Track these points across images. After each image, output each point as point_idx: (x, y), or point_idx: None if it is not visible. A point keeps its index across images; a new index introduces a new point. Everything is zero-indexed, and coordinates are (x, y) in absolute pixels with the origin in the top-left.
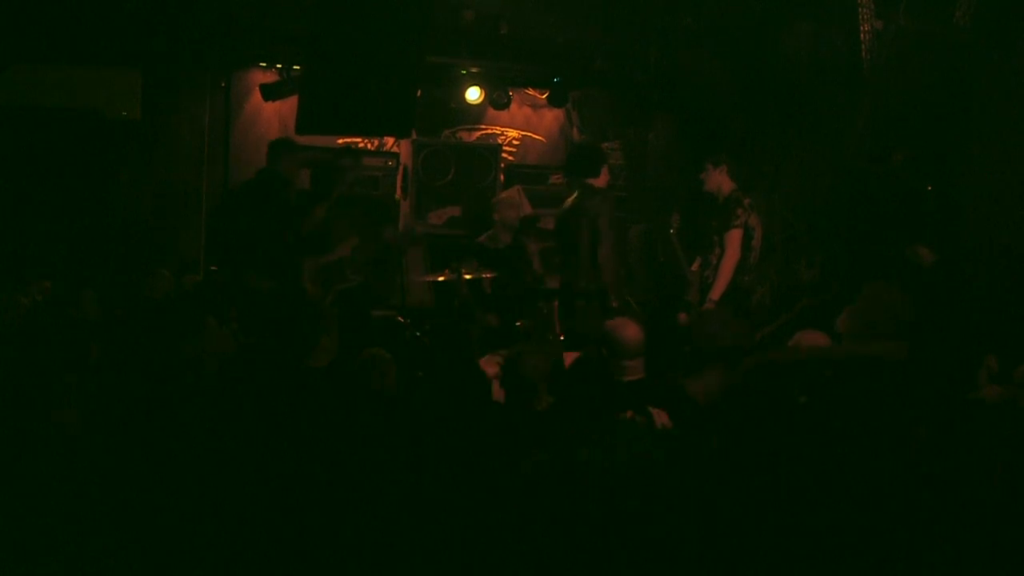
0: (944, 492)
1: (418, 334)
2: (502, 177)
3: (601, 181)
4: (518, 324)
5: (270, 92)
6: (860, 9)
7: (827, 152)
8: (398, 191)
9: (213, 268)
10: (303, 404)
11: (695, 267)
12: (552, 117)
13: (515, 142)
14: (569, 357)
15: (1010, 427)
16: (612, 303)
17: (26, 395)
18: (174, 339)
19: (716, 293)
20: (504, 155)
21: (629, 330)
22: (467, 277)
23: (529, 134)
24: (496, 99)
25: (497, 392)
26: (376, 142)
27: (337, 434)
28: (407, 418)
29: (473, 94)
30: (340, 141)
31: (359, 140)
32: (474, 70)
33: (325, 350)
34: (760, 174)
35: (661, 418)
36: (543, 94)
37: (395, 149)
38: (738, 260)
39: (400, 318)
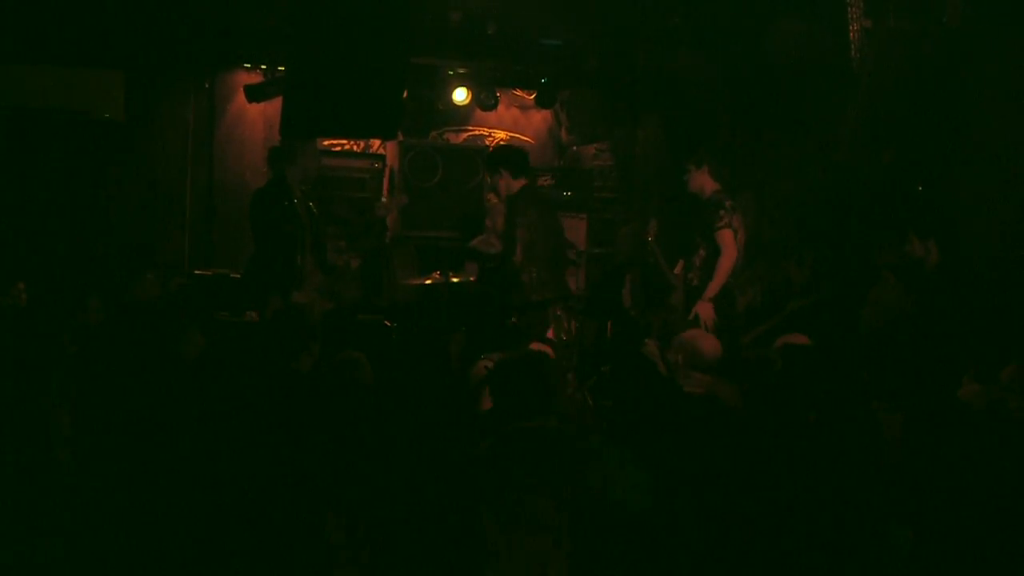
0: (929, 492)
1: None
2: (504, 181)
3: (520, 183)
4: (512, 321)
5: (254, 93)
6: (849, 8)
7: (817, 152)
8: (384, 193)
9: (198, 272)
10: (289, 407)
11: (678, 270)
12: (540, 118)
13: (503, 143)
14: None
15: (996, 430)
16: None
17: (15, 397)
18: (162, 343)
19: (712, 291)
20: None
21: (709, 343)
22: (455, 280)
23: (517, 135)
24: (483, 100)
25: (486, 401)
26: (362, 144)
27: (319, 430)
28: (382, 409)
29: (460, 95)
30: (325, 143)
31: (344, 142)
32: (461, 71)
33: (310, 355)
34: (749, 174)
35: None
36: (531, 95)
37: (381, 151)
38: (736, 259)
39: (387, 322)
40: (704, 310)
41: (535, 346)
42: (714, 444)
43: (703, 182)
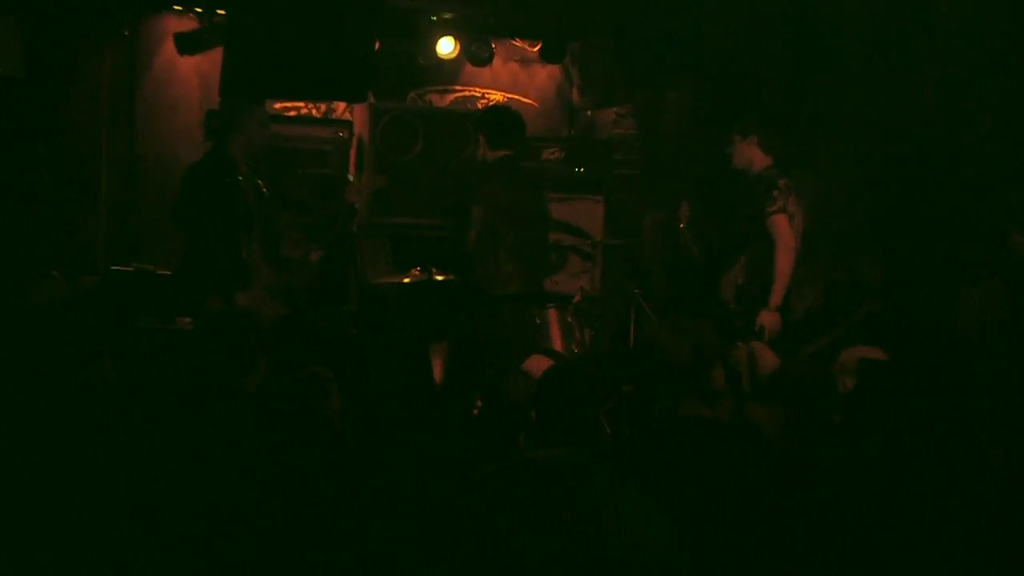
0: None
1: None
2: (482, 151)
3: (501, 154)
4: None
5: (187, 43)
6: None
7: (891, 121)
8: (351, 169)
9: (115, 268)
10: (231, 439)
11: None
12: (546, 76)
13: (495, 106)
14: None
15: None
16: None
17: None
18: (69, 360)
19: (777, 297)
20: None
21: (767, 357)
22: (439, 278)
23: (517, 97)
24: (475, 53)
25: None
26: (323, 108)
27: (270, 469)
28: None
29: (446, 47)
30: (276, 106)
31: (301, 105)
32: (447, 16)
33: (258, 372)
34: (807, 146)
35: None
36: (534, 47)
37: (347, 116)
38: (796, 252)
39: (353, 330)
40: (770, 321)
41: (536, 360)
42: (746, 482)
43: (751, 156)
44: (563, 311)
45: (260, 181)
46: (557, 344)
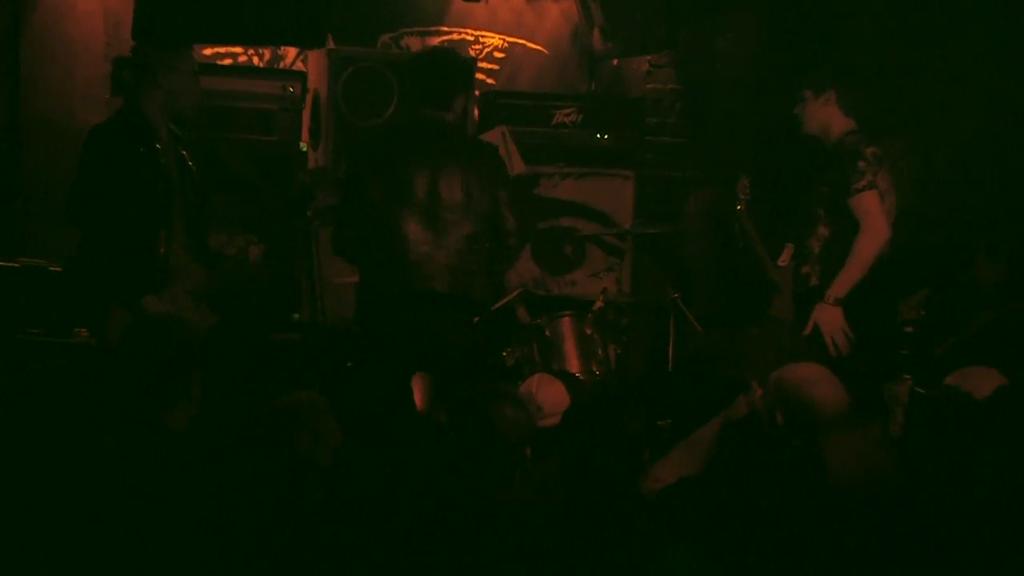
0: None
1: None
2: (476, 111)
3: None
4: (503, 354)
5: None
6: None
7: (1014, 77)
8: (304, 135)
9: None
10: (154, 497)
11: (784, 260)
12: (558, 14)
13: (498, 55)
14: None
15: None
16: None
17: None
18: None
19: (842, 287)
20: (480, 76)
21: (826, 388)
22: None
23: (521, 41)
24: None
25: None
26: (268, 55)
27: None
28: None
29: None
30: (207, 52)
31: (239, 51)
32: None
33: (189, 402)
34: (902, 108)
35: None
36: None
37: (300, 67)
38: (886, 241)
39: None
40: (828, 318)
41: (539, 382)
42: (820, 537)
43: (828, 118)
44: (580, 320)
45: (184, 152)
46: (572, 363)
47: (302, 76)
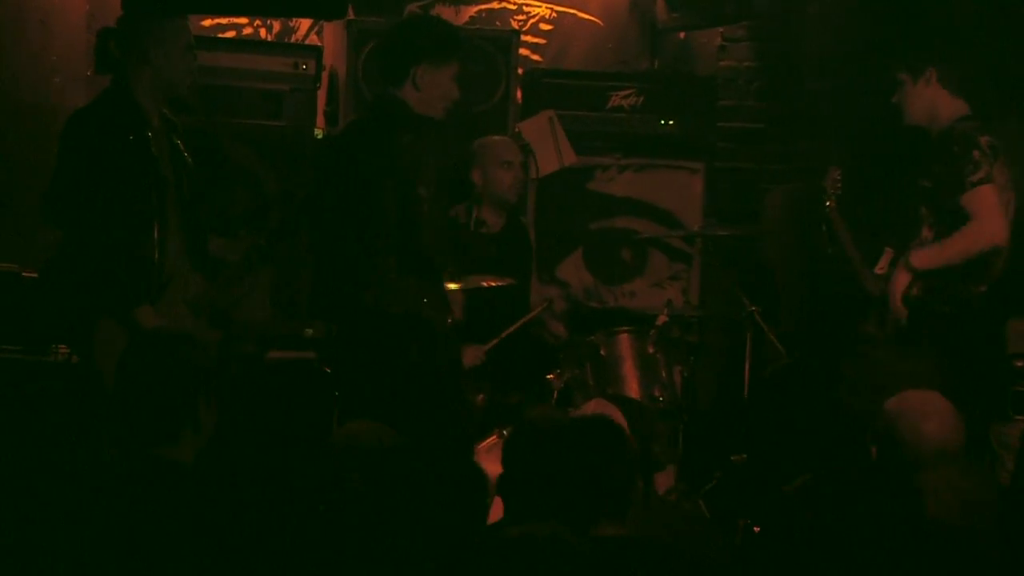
0: None
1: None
2: (519, 94)
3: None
4: (549, 377)
5: None
6: None
7: None
8: (320, 120)
9: None
10: (156, 541)
11: (882, 267)
12: None
13: (545, 27)
14: None
15: None
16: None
17: None
18: None
19: (925, 260)
20: (524, 52)
21: (934, 421)
22: (451, 287)
23: (571, 11)
24: None
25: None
26: (277, 26)
27: None
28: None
29: None
30: (206, 23)
31: (245, 22)
32: None
33: (196, 430)
34: (1017, 89)
35: None
36: None
37: (314, 41)
38: (999, 240)
39: (328, 369)
40: (900, 281)
41: (595, 407)
42: None
43: (934, 102)
44: (641, 338)
45: (179, 140)
46: (631, 387)
47: (317, 51)
